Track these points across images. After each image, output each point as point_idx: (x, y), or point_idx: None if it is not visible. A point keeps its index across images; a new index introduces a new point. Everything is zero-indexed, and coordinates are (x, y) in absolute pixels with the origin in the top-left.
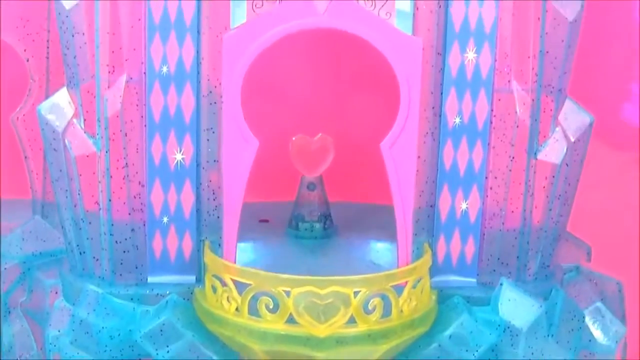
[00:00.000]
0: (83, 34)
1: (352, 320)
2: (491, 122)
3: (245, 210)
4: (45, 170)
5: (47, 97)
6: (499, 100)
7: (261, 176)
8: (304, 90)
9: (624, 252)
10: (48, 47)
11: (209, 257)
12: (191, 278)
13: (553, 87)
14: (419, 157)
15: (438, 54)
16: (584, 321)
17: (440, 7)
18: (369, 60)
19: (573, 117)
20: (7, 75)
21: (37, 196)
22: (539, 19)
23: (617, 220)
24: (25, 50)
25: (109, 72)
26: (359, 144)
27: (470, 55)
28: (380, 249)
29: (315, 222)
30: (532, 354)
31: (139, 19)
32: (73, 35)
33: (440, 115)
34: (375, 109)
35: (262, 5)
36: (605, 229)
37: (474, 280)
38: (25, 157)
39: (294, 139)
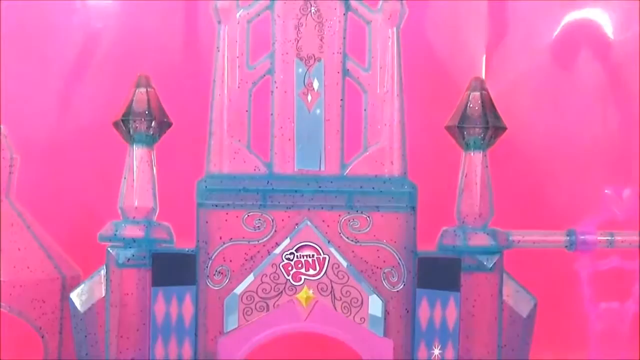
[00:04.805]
0: (95, 334)
1: None
2: None
3: None
4: None
5: None
6: None
7: None
8: None
9: None
10: (61, 324)
11: None
12: None
13: None
14: None
15: (407, 352)
16: None
17: (407, 311)
18: None
19: None
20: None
21: None
22: (495, 318)
23: None
24: (40, 328)
25: None
26: None
27: (436, 351)
28: None
29: None
30: None
31: (144, 324)
32: (86, 336)
33: None
34: None
35: (252, 312)
36: None
37: None
38: None
39: None
